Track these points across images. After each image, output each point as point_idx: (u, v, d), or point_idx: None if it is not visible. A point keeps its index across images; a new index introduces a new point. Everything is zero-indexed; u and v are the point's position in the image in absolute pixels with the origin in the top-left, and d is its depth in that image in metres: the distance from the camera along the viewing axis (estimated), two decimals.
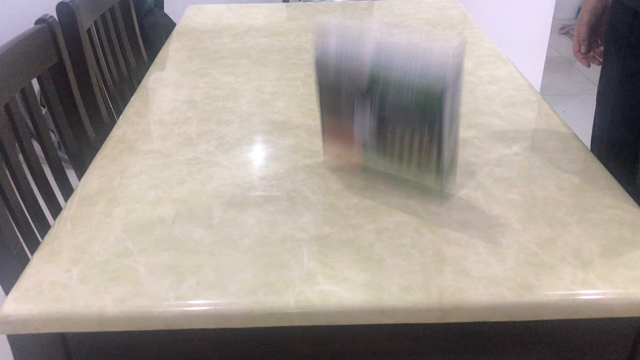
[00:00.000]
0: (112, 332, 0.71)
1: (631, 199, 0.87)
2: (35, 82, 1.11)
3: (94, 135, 1.29)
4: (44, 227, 1.04)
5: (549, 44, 2.71)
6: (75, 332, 0.72)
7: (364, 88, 0.84)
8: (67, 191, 1.15)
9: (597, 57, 1.21)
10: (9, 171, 0.98)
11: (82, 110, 1.26)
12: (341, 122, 0.91)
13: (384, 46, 0.80)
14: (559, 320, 0.72)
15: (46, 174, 1.10)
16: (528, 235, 0.80)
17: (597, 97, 1.21)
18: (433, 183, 0.85)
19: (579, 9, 4.83)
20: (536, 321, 0.72)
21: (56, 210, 1.09)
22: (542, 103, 1.18)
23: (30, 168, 1.07)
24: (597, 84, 1.22)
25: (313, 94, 1.25)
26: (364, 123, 0.87)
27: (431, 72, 0.77)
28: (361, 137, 0.89)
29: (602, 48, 1.20)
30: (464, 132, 1.07)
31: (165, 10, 2.58)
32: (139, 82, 1.35)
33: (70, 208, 0.89)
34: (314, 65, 0.87)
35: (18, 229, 0.96)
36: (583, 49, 1.21)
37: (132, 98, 1.26)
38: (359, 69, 0.83)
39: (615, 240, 0.79)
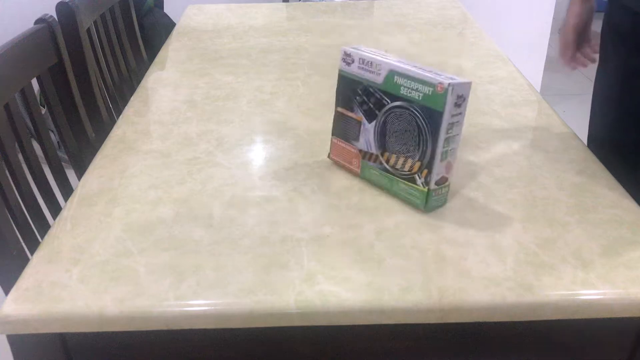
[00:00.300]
0: (112, 332, 0.71)
1: (631, 199, 0.87)
2: (35, 82, 1.11)
3: (93, 135, 1.29)
4: (44, 227, 1.04)
5: (549, 44, 2.71)
6: (75, 332, 0.72)
7: (378, 100, 0.88)
8: (67, 191, 1.15)
9: (585, 59, 1.21)
10: (8, 171, 0.98)
11: (81, 110, 1.26)
12: (349, 137, 0.94)
13: (400, 64, 0.85)
14: (559, 320, 0.72)
15: (46, 174, 1.10)
16: (528, 235, 0.80)
17: (594, 97, 1.21)
18: (418, 202, 0.85)
19: None
20: (536, 321, 0.72)
21: (56, 210, 1.09)
22: (542, 103, 1.18)
23: (30, 168, 1.06)
24: None
25: (313, 93, 1.25)
26: (368, 138, 0.90)
27: (436, 93, 0.79)
28: (363, 151, 0.92)
29: (588, 50, 1.20)
30: (464, 132, 1.07)
31: (165, 10, 2.58)
32: (139, 82, 1.35)
33: (70, 208, 0.89)
34: (338, 76, 0.93)
35: (18, 229, 0.96)
36: (569, 53, 1.20)
37: (132, 98, 1.26)
38: (376, 75, 0.87)
39: (615, 240, 0.79)
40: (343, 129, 0.94)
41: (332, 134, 0.96)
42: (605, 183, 0.91)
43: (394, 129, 0.86)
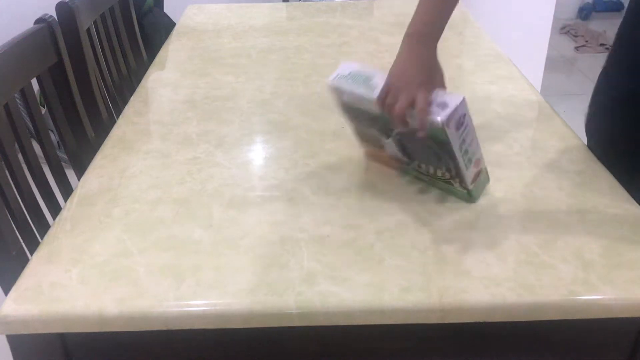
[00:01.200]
0: (112, 332, 0.71)
1: (631, 199, 0.87)
2: (35, 82, 1.11)
3: (93, 135, 1.29)
4: (44, 227, 1.04)
5: (549, 44, 2.71)
6: (75, 332, 0.72)
7: (379, 126, 0.86)
8: (67, 191, 1.15)
9: None
10: (8, 171, 0.98)
11: (81, 110, 1.26)
12: (375, 145, 0.93)
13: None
14: (559, 320, 0.72)
15: (46, 174, 1.09)
16: (528, 235, 0.80)
17: (597, 96, 1.20)
18: (464, 198, 0.86)
19: (579, 9, 4.78)
20: (536, 321, 0.72)
21: (56, 210, 1.09)
22: (543, 103, 1.18)
23: (29, 168, 1.06)
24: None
25: (313, 93, 1.25)
26: (393, 150, 0.89)
27: (435, 126, 0.77)
28: (394, 157, 0.91)
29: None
30: None
31: (165, 10, 2.58)
32: (139, 82, 1.35)
33: (70, 208, 0.89)
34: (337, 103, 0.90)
35: (18, 229, 0.96)
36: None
37: (132, 98, 1.26)
38: (370, 107, 0.84)
39: (615, 240, 0.79)
40: (366, 139, 0.94)
41: (360, 142, 0.95)
42: (605, 183, 0.91)
43: (411, 147, 0.85)
